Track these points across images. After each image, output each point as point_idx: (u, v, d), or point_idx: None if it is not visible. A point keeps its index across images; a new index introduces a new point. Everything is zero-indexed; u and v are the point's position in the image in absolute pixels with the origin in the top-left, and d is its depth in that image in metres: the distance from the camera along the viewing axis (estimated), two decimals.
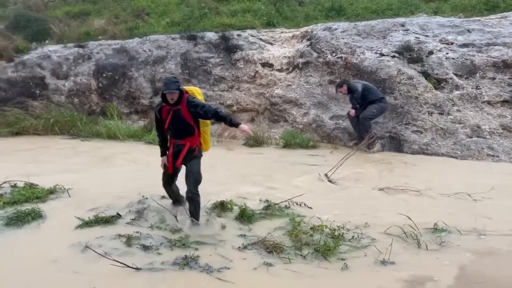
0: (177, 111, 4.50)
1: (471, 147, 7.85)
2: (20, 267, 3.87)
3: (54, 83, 10.92)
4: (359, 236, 4.48)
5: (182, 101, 4.49)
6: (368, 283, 3.62)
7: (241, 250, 4.21)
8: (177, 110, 4.50)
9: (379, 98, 8.33)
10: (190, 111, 4.50)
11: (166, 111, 4.56)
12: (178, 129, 4.59)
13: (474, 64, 8.59)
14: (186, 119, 4.52)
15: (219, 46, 10.64)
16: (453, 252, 4.17)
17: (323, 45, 9.70)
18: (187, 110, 4.50)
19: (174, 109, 4.50)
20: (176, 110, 4.50)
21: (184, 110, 4.51)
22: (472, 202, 5.52)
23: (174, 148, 4.66)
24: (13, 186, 5.92)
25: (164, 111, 4.58)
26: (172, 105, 4.49)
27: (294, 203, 5.38)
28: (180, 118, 4.51)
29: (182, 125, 4.55)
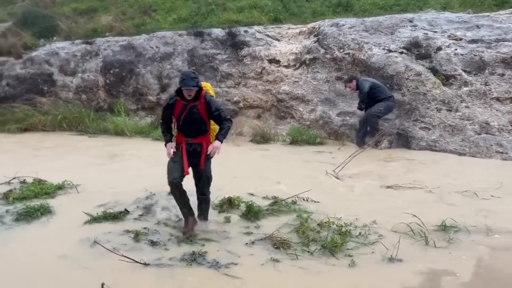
0: (193, 107, 4.23)
1: (480, 144, 7.79)
2: (30, 262, 3.91)
3: (62, 79, 10.98)
4: (366, 232, 4.47)
5: (200, 98, 4.23)
6: (376, 280, 3.62)
7: (248, 246, 4.22)
8: (194, 106, 4.23)
9: (387, 97, 8.29)
10: (206, 108, 4.27)
11: (180, 107, 4.26)
12: (192, 127, 4.29)
13: (483, 60, 8.52)
14: (203, 117, 4.28)
15: (226, 43, 10.64)
16: (463, 249, 4.15)
17: (331, 41, 9.66)
18: (204, 107, 4.25)
19: (190, 105, 4.22)
20: (193, 106, 4.23)
21: (202, 107, 4.25)
22: (481, 200, 5.48)
23: (187, 147, 4.33)
24: (22, 182, 5.97)
25: (178, 106, 4.27)
26: (188, 101, 4.22)
27: (301, 199, 5.38)
28: (197, 115, 4.25)
29: (197, 123, 4.28)
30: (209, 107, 4.25)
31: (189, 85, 4.09)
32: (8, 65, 11.08)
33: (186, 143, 4.32)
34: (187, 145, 4.32)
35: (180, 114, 4.25)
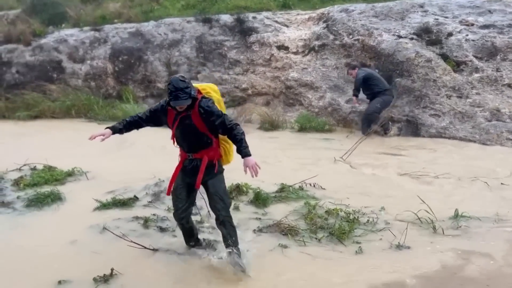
0: (186, 118, 3.47)
1: (490, 131, 7.70)
2: (41, 247, 3.97)
3: (70, 66, 11.01)
4: (374, 220, 4.47)
5: (193, 106, 3.46)
6: (383, 266, 3.62)
7: (256, 232, 4.24)
8: (186, 117, 3.47)
9: (382, 90, 8.17)
10: (202, 117, 3.45)
11: (172, 117, 3.55)
12: (189, 141, 3.57)
13: (495, 46, 8.38)
14: (199, 128, 3.49)
15: (234, 29, 10.57)
16: (472, 237, 4.13)
17: (340, 27, 9.56)
18: (198, 116, 3.45)
19: (182, 115, 3.47)
20: (185, 117, 3.47)
21: (196, 116, 3.46)
22: (491, 188, 5.44)
23: (186, 164, 3.64)
24: (33, 169, 6.04)
25: (170, 116, 3.56)
26: (182, 111, 3.48)
27: (308, 185, 5.38)
28: (191, 127, 3.48)
29: (193, 136, 3.53)
30: (207, 116, 3.45)
31: (180, 99, 3.33)
32: (17, 53, 11.13)
33: (184, 160, 3.67)
34: (186, 162, 3.64)
35: (172, 125, 3.56)
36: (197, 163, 3.58)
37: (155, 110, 3.64)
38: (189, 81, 3.39)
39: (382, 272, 3.52)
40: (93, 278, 3.40)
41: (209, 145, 3.59)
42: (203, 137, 3.55)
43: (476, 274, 3.49)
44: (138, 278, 3.49)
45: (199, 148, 3.58)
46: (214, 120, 3.45)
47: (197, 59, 10.53)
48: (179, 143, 3.65)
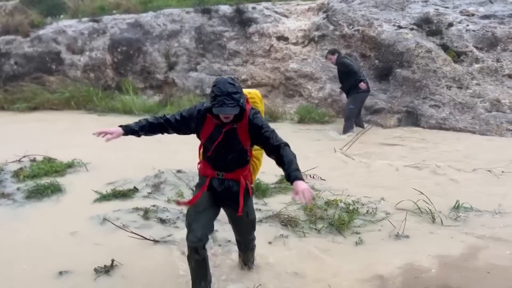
0: (231, 132, 2.86)
1: (490, 121, 7.70)
2: (41, 238, 3.98)
3: (69, 58, 10.96)
4: (373, 210, 4.48)
5: (243, 118, 2.85)
6: (382, 256, 3.64)
7: (256, 223, 4.25)
8: (231, 130, 2.86)
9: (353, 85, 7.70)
10: (249, 132, 2.88)
11: (211, 128, 2.90)
12: (228, 158, 2.94)
13: (495, 36, 8.36)
14: (243, 144, 2.91)
15: (233, 20, 10.51)
16: (471, 227, 4.15)
17: (340, 18, 9.51)
18: (246, 130, 2.87)
19: (227, 128, 2.84)
20: (230, 130, 2.85)
21: (243, 131, 2.87)
22: (491, 178, 5.45)
23: (215, 185, 3.00)
24: (32, 160, 6.04)
25: (208, 126, 2.91)
26: (223, 122, 2.84)
27: (308, 176, 5.39)
28: (235, 143, 2.89)
29: (235, 153, 2.93)
30: (253, 129, 2.86)
31: (226, 106, 2.68)
32: (16, 44, 11.07)
33: (212, 179, 3.01)
34: (216, 182, 3.00)
35: (211, 139, 2.90)
36: (229, 185, 2.98)
37: (190, 116, 2.95)
38: (239, 85, 2.75)
39: (381, 262, 3.54)
40: (93, 269, 3.41)
41: (245, 164, 3.02)
42: (243, 155, 2.97)
43: (476, 263, 3.51)
44: (138, 269, 3.50)
45: (235, 167, 2.97)
46: (261, 134, 2.84)
47: (196, 50, 10.48)
48: (210, 158, 2.98)
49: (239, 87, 2.75)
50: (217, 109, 2.70)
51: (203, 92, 10.04)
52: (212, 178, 3.01)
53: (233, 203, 2.99)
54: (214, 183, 3.00)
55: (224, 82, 2.73)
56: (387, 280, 3.30)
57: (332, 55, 8.00)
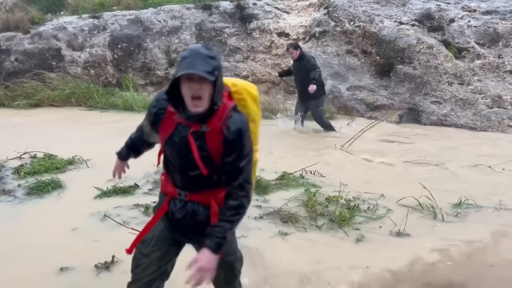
0: (198, 136, 1.99)
1: (491, 118, 7.69)
2: (42, 235, 3.97)
3: (70, 54, 10.94)
4: (374, 207, 4.47)
5: (216, 116, 1.97)
6: (383, 253, 3.63)
7: (257, 219, 4.25)
8: (198, 134, 1.98)
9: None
10: (224, 143, 1.98)
11: (171, 126, 2.04)
12: (191, 172, 2.05)
13: (497, 32, 8.33)
14: (213, 157, 2.01)
15: (234, 16, 10.49)
16: (471, 223, 4.14)
17: (341, 14, 9.48)
18: (220, 140, 1.98)
19: (193, 130, 1.98)
20: (197, 134, 1.98)
21: (215, 138, 1.98)
22: (493, 174, 5.44)
23: (173, 208, 2.16)
24: (33, 157, 6.03)
25: (168, 124, 2.05)
26: (191, 118, 1.97)
27: (308, 172, 5.38)
28: (203, 153, 1.99)
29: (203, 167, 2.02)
30: (227, 142, 1.97)
31: (196, 68, 1.83)
32: (16, 40, 11.04)
33: (172, 200, 2.17)
34: (177, 204, 2.15)
35: (170, 142, 2.05)
36: (194, 210, 2.11)
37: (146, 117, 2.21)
38: (219, 58, 1.96)
39: (383, 259, 3.53)
40: (94, 265, 3.40)
41: (219, 183, 2.08)
42: (215, 172, 2.05)
43: (479, 258, 3.51)
44: None
45: (203, 186, 2.08)
46: (230, 156, 1.98)
47: None
48: (170, 170, 2.15)
49: (218, 58, 1.94)
50: (182, 71, 1.84)
51: None
52: (172, 199, 2.16)
53: (198, 236, 2.09)
54: (173, 206, 2.15)
55: (197, 46, 1.96)
56: (389, 276, 3.30)
57: (295, 50, 7.42)
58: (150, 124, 2.16)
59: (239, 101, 2.13)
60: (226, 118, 1.97)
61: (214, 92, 1.90)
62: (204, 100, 1.90)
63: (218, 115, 1.97)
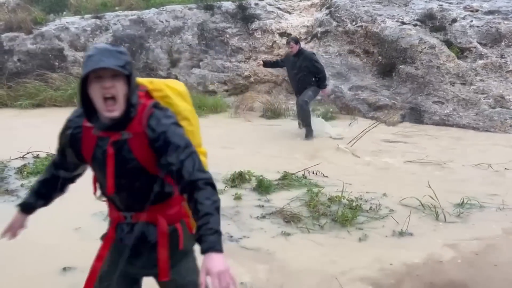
0: (121, 146, 1.76)
1: (494, 118, 7.67)
2: (45, 235, 3.98)
3: (72, 54, 10.97)
4: (377, 207, 4.47)
5: (135, 120, 1.74)
6: (386, 253, 3.63)
7: (259, 219, 4.25)
8: (120, 143, 1.75)
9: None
10: (152, 145, 1.74)
11: (91, 143, 1.81)
12: (126, 189, 1.82)
13: (499, 32, 8.32)
14: (144, 165, 1.78)
15: (236, 16, 10.50)
16: (473, 223, 4.14)
17: (343, 14, 9.48)
18: (146, 143, 1.74)
19: (114, 140, 1.75)
20: (119, 143, 1.75)
21: (139, 143, 1.75)
22: (495, 174, 5.44)
23: (120, 234, 1.89)
24: (36, 157, 6.04)
25: (88, 142, 1.82)
26: (109, 128, 1.75)
27: (310, 172, 5.39)
28: (131, 162, 1.77)
29: (136, 179, 1.81)
30: (156, 143, 1.73)
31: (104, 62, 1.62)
32: (19, 41, 11.07)
33: (119, 225, 1.91)
34: (124, 229, 1.89)
35: (94, 160, 1.83)
36: (144, 232, 1.84)
37: (59, 138, 1.96)
38: (128, 53, 1.76)
39: (385, 258, 3.53)
40: None
41: (166, 196, 1.87)
42: (154, 182, 1.80)
43: (482, 258, 3.50)
44: None
45: (146, 203, 1.80)
46: (169, 159, 1.69)
47: (199, 46, 10.47)
48: (103, 190, 1.94)
49: (126, 53, 1.75)
50: (89, 67, 1.61)
51: (205, 88, 10.04)
52: (119, 224, 1.90)
53: (151, 261, 1.84)
54: (120, 232, 1.88)
55: (102, 43, 1.77)
56: (392, 276, 3.30)
57: (296, 44, 7.21)
58: (71, 148, 1.88)
59: (162, 99, 1.89)
60: (147, 118, 1.73)
61: (129, 90, 1.69)
62: (119, 101, 1.66)
63: (138, 117, 1.74)
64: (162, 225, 1.83)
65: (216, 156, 6.02)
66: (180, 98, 1.97)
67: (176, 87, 1.99)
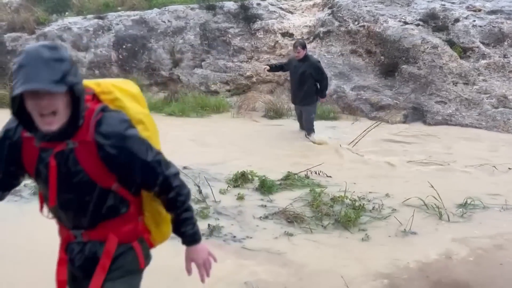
0: (66, 157, 1.58)
1: (497, 118, 7.66)
2: (47, 235, 3.98)
3: (75, 55, 10.97)
4: (380, 207, 4.46)
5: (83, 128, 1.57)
6: (389, 253, 3.63)
7: (262, 220, 4.25)
8: (65, 153, 1.58)
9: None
10: (102, 156, 1.58)
11: (34, 155, 1.62)
12: (74, 205, 1.65)
13: (502, 32, 8.30)
14: (93, 178, 1.60)
15: (238, 16, 10.49)
16: (477, 223, 4.13)
17: (345, 14, 9.47)
18: (95, 153, 1.57)
19: (58, 151, 1.57)
20: (63, 154, 1.58)
21: (88, 153, 1.58)
22: (498, 174, 5.43)
23: (71, 254, 1.74)
24: None
25: (29, 154, 1.63)
26: (52, 138, 1.55)
27: (313, 172, 5.38)
28: (78, 174, 1.59)
29: (84, 193, 1.63)
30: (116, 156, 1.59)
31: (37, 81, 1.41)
32: (21, 41, 11.09)
33: (68, 243, 1.76)
34: (72, 248, 1.75)
35: (37, 173, 1.66)
36: (95, 252, 1.70)
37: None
38: (69, 57, 1.56)
39: (388, 259, 3.53)
40: None
41: (118, 211, 1.70)
42: (106, 197, 1.65)
43: (485, 258, 3.50)
44: None
45: (98, 219, 1.67)
46: (134, 168, 1.61)
47: (201, 46, 10.46)
48: (54, 210, 1.75)
49: (66, 57, 1.53)
50: (19, 88, 1.40)
51: (208, 88, 10.04)
52: (69, 244, 1.74)
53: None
54: (71, 253, 1.73)
55: (36, 47, 1.50)
56: (394, 276, 3.29)
57: (303, 49, 6.97)
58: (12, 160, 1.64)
59: (112, 102, 1.70)
60: (95, 124, 1.55)
61: (73, 101, 1.50)
62: (59, 114, 1.47)
63: (85, 123, 1.56)
64: (109, 244, 1.68)
65: (218, 156, 6.05)
66: (132, 101, 1.78)
67: (127, 88, 1.81)
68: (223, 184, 4.98)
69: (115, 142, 1.56)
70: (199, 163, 5.58)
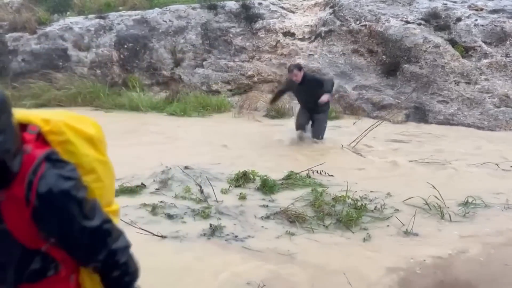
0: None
1: (499, 117, 7.64)
2: None
3: (76, 54, 10.98)
4: (382, 207, 4.45)
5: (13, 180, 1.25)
6: (391, 253, 3.62)
7: (263, 220, 4.24)
8: None
9: None
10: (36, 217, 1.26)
11: None
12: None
13: (504, 31, 8.28)
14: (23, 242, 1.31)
15: (239, 16, 10.49)
16: (479, 223, 4.12)
17: (347, 13, 9.46)
18: (27, 211, 1.25)
19: None
20: None
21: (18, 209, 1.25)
22: (501, 173, 5.42)
23: None
24: None
25: None
26: None
27: (315, 172, 5.38)
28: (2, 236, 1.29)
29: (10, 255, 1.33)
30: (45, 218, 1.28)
31: None
32: (23, 41, 11.10)
33: None
34: None
35: None
36: None
37: None
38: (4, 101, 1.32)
39: (390, 258, 3.52)
40: None
41: (44, 275, 1.40)
42: (31, 259, 1.37)
43: (488, 258, 3.49)
44: (146, 265, 3.48)
45: (20, 280, 1.39)
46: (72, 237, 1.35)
47: (202, 46, 10.46)
48: None
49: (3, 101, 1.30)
50: None
51: (209, 88, 10.04)
52: None
53: None
54: None
55: None
56: (396, 276, 3.28)
57: (300, 71, 6.64)
58: None
59: (61, 145, 1.37)
60: (35, 177, 1.25)
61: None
62: None
63: (21, 173, 1.26)
64: None
65: (219, 155, 6.05)
66: (87, 145, 1.46)
67: (83, 129, 1.46)
68: (225, 184, 4.98)
69: (52, 205, 1.26)
70: (200, 163, 5.57)
